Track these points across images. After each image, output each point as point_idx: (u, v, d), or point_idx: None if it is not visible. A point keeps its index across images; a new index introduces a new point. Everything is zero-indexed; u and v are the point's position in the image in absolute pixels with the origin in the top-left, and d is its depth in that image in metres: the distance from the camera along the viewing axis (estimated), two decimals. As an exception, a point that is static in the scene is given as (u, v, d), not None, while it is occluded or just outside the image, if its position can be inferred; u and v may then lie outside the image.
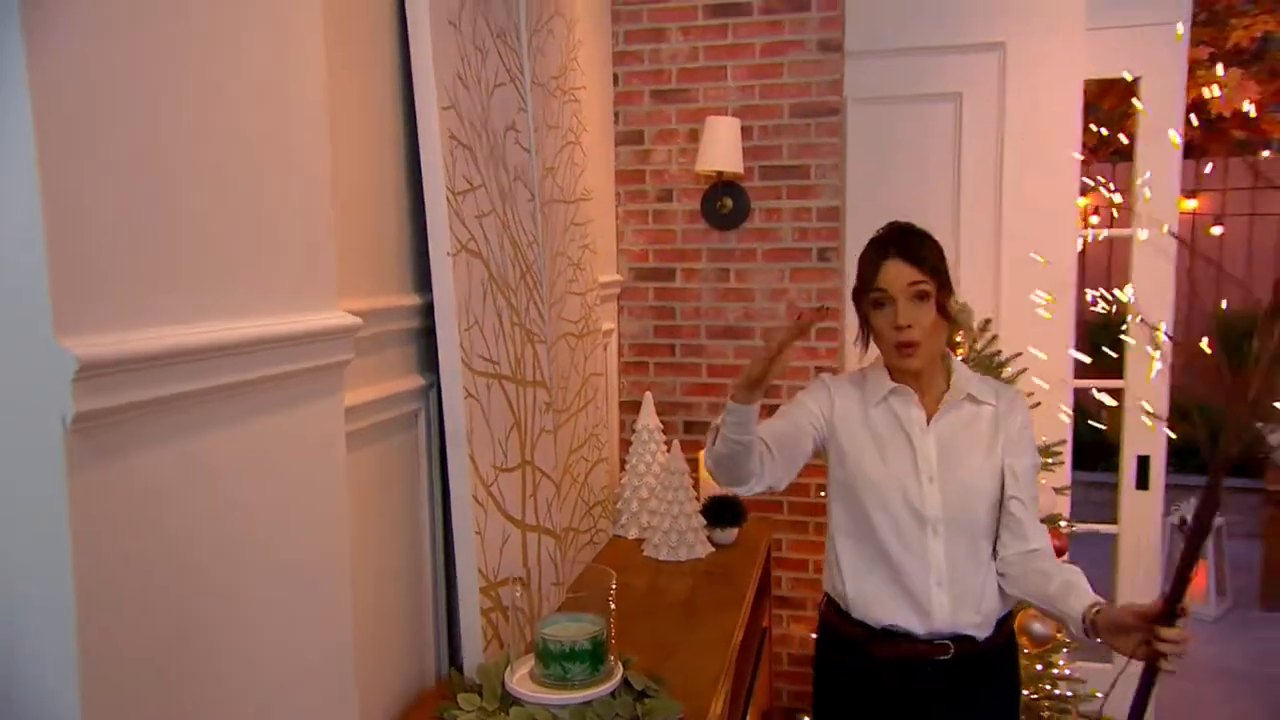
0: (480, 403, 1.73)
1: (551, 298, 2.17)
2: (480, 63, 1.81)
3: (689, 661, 1.82)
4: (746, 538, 2.63)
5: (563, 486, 2.20)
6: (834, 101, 2.90)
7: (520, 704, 1.52)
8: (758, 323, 3.00)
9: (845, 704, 1.86)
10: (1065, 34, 3.01)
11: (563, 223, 2.28)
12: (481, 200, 1.78)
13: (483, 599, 1.71)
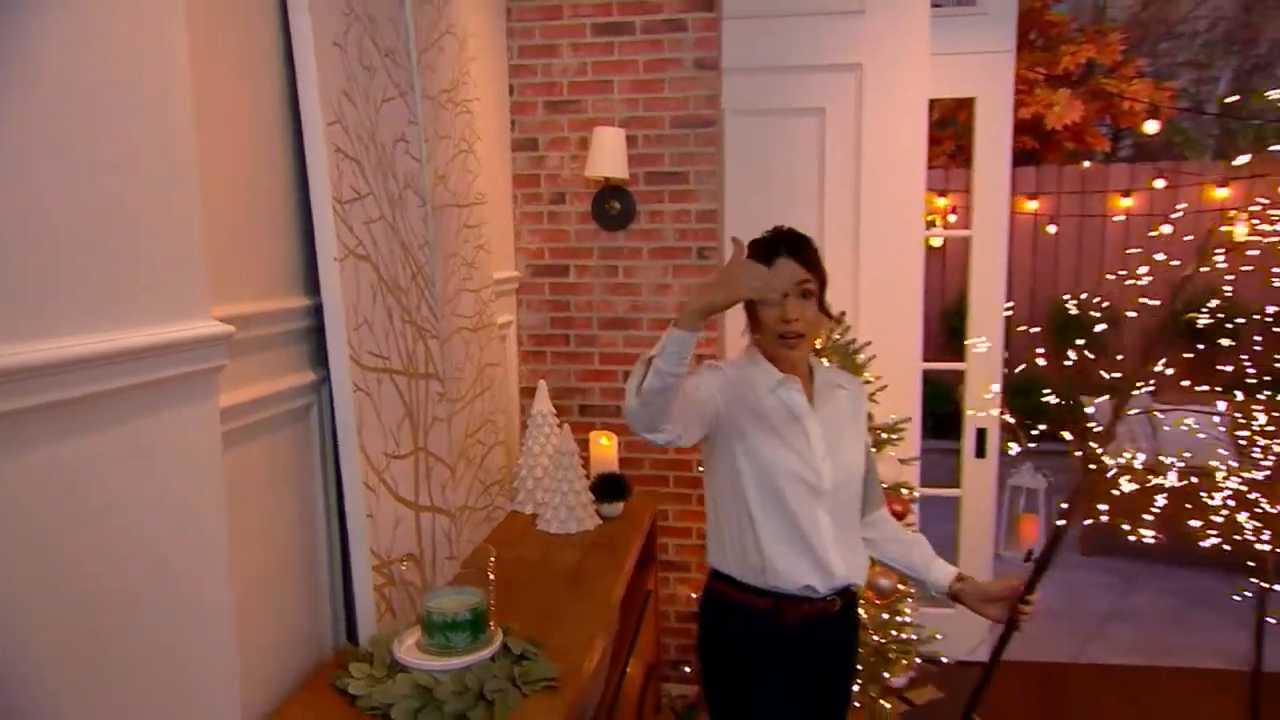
0: (371, 396, 1.72)
1: (444, 296, 2.15)
2: (368, 80, 1.78)
3: (570, 625, 1.85)
4: (632, 510, 2.66)
5: (458, 469, 2.20)
6: (710, 114, 2.93)
7: (406, 671, 1.52)
8: (645, 314, 3.03)
9: (750, 675, 1.77)
10: (912, 58, 3.10)
11: (456, 225, 2.26)
12: (370, 208, 1.76)
13: (376, 576, 1.71)
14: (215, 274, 1.38)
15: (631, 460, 3.07)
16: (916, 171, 3.17)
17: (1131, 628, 3.99)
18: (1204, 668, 3.53)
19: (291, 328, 1.61)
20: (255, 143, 1.51)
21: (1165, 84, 6.65)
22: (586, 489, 2.52)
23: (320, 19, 1.59)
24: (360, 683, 1.52)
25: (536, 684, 1.55)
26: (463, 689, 1.47)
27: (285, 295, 1.60)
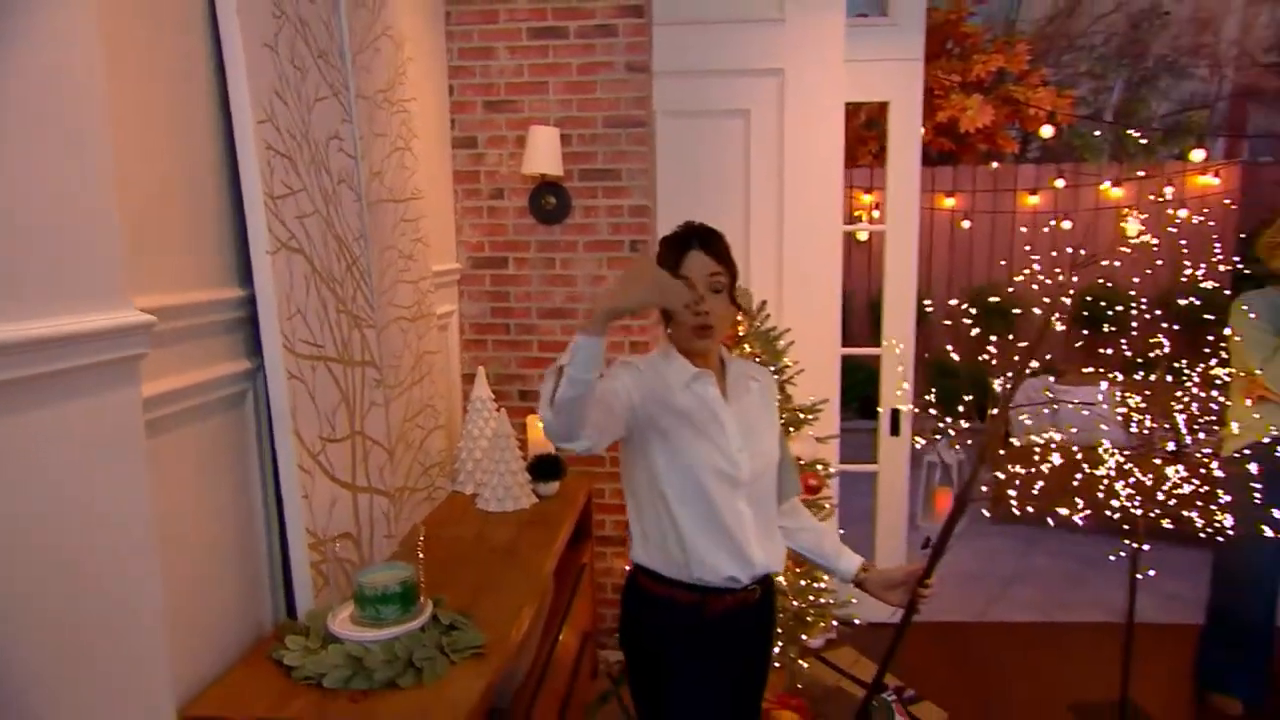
0: (305, 382, 1.70)
1: (381, 286, 2.14)
2: (300, 80, 1.75)
3: (501, 597, 1.86)
4: (567, 489, 2.68)
5: (396, 452, 2.19)
6: (640, 115, 2.94)
7: (339, 642, 1.52)
8: (580, 304, 3.04)
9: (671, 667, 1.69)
10: (830, 64, 3.14)
11: (393, 220, 2.24)
12: (304, 203, 1.74)
13: (312, 554, 1.69)
14: (146, 266, 1.36)
15: (569, 442, 3.08)
16: (835, 169, 3.22)
17: (1031, 588, 4.13)
18: (1091, 621, 3.68)
19: (225, 317, 1.59)
20: (185, 140, 1.49)
21: (1066, 92, 6.85)
22: (523, 469, 2.53)
23: (249, 21, 1.57)
24: (295, 654, 1.51)
25: (464, 652, 1.56)
26: (392, 658, 1.47)
27: (218, 286, 1.58)
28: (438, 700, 1.42)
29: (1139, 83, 8.30)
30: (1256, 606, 2.91)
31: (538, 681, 1.97)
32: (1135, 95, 7.97)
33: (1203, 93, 8.46)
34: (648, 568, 1.71)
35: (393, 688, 1.45)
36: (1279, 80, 7.78)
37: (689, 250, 1.62)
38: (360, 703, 1.41)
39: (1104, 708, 2.98)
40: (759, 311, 2.78)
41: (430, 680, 1.47)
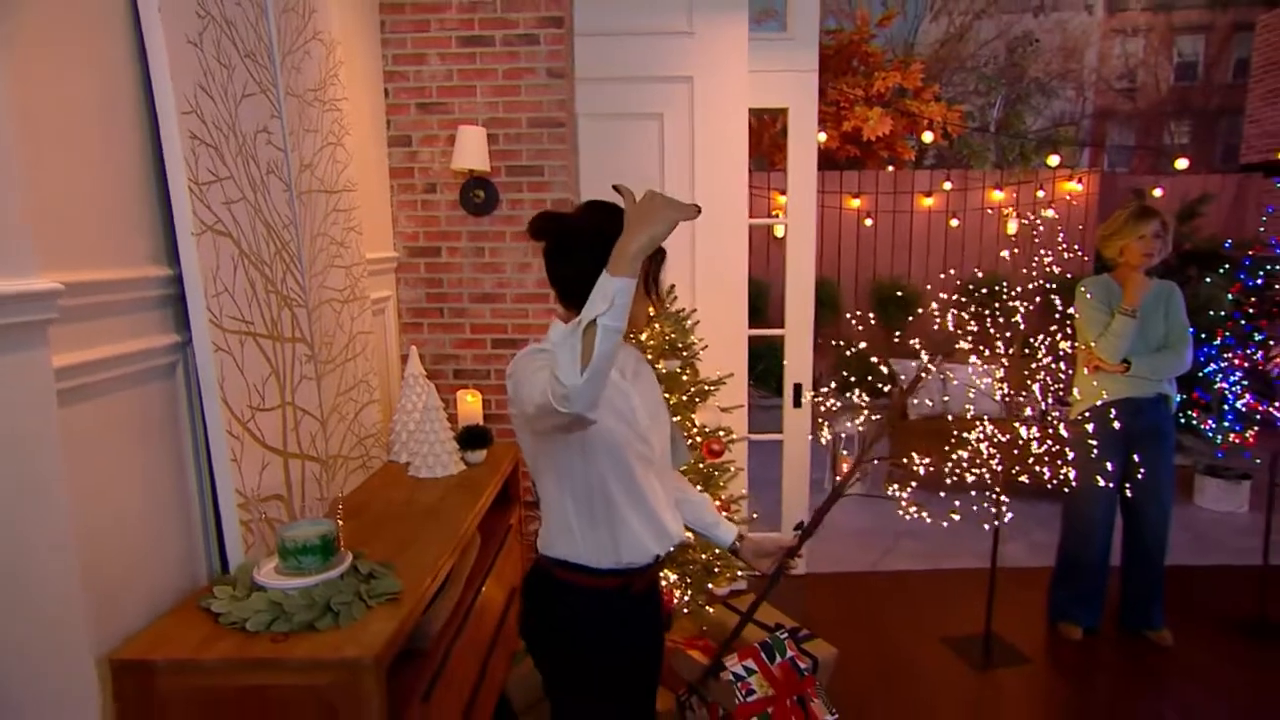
0: (233, 355, 1.68)
1: (312, 270, 2.12)
2: (226, 76, 1.72)
3: (421, 551, 1.87)
4: (494, 457, 2.69)
5: (329, 423, 2.18)
6: (561, 116, 2.95)
7: (263, 590, 1.52)
8: (509, 290, 3.04)
9: (613, 653, 1.57)
10: (734, 73, 3.20)
11: (324, 209, 2.22)
12: (230, 189, 1.71)
13: (242, 513, 1.68)
14: (73, 243, 1.35)
15: (501, 416, 3.09)
16: (740, 167, 3.29)
17: (919, 541, 4.29)
18: (966, 568, 3.85)
19: (155, 294, 1.57)
20: (109, 129, 1.46)
21: (955, 107, 7.06)
22: (452, 439, 2.53)
23: (172, 19, 1.54)
24: (222, 602, 1.50)
25: (381, 597, 1.58)
26: (311, 603, 1.48)
27: (147, 265, 1.55)
28: (352, 639, 1.43)
29: (1016, 100, 8.62)
30: (1094, 548, 3.08)
31: (458, 627, 1.98)
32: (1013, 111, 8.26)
33: (1070, 111, 8.83)
34: (571, 561, 1.52)
35: (311, 630, 1.45)
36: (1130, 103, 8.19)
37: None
38: (280, 643, 1.42)
39: (972, 639, 3.13)
40: (668, 294, 2.82)
41: (346, 622, 1.48)
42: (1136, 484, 2.97)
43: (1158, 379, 2.93)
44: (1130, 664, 3.00)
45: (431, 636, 1.84)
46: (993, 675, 2.92)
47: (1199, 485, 4.84)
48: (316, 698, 1.38)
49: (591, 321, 1.16)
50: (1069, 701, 2.78)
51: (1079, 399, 3.03)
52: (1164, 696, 2.78)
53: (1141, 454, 2.94)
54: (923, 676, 2.92)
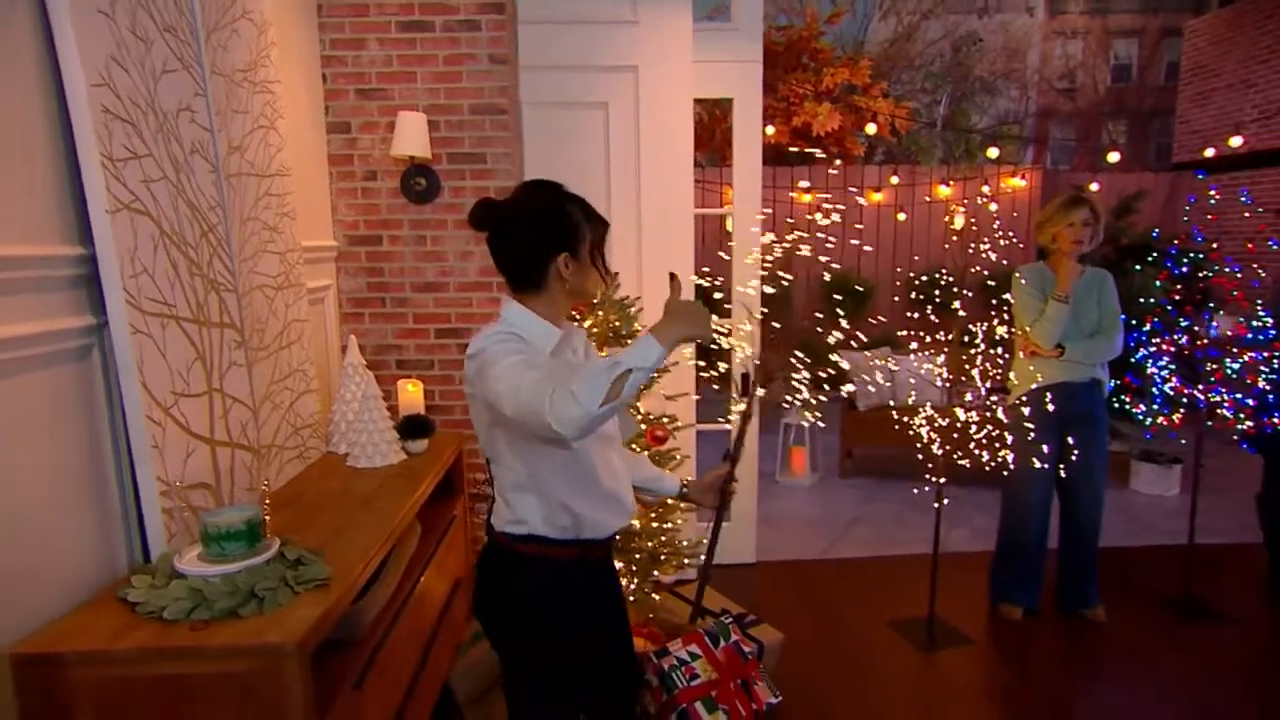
0: (153, 339, 1.63)
1: (243, 255, 2.06)
2: (144, 50, 1.67)
3: (354, 539, 1.83)
4: (436, 447, 2.66)
5: (262, 411, 2.12)
6: (504, 103, 2.93)
7: (184, 577, 1.47)
8: (451, 279, 3.01)
9: (573, 628, 1.56)
10: (679, 63, 3.20)
11: (256, 193, 2.16)
12: (150, 167, 1.66)
13: (165, 501, 1.63)
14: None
15: (445, 406, 3.06)
16: (685, 158, 3.29)
17: (867, 528, 4.35)
18: (913, 553, 3.91)
19: (66, 273, 1.51)
20: (8, 100, 1.40)
21: (903, 104, 7.19)
22: (391, 428, 2.49)
23: (81, -13, 1.48)
24: (140, 591, 1.46)
25: (309, 583, 1.54)
26: (234, 589, 1.44)
27: (56, 243, 1.49)
28: (275, 625, 1.40)
29: (961, 98, 8.83)
30: (1031, 531, 3.16)
31: (395, 616, 1.95)
32: (959, 109, 8.46)
33: (1014, 110, 9.09)
34: (529, 534, 1.51)
35: (234, 617, 1.42)
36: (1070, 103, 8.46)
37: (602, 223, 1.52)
38: (200, 630, 1.37)
39: (916, 622, 3.18)
40: (613, 281, 2.82)
41: (271, 608, 1.44)
42: (1071, 467, 3.05)
43: (1090, 364, 3.01)
44: (1067, 642, 3.08)
45: (366, 625, 1.81)
46: (937, 656, 2.97)
47: (1134, 470, 5.00)
48: (237, 685, 1.35)
49: (627, 370, 1.24)
50: (1010, 679, 2.84)
51: (1016, 383, 3.11)
52: (1099, 672, 2.87)
53: (1075, 437, 3.03)
54: (869, 659, 2.96)
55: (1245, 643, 3.06)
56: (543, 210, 1.45)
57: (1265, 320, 3.08)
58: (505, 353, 1.36)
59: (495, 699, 2.54)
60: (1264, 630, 3.17)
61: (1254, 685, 2.78)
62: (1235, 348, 3.08)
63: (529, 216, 1.45)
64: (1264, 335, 3.07)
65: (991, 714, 2.64)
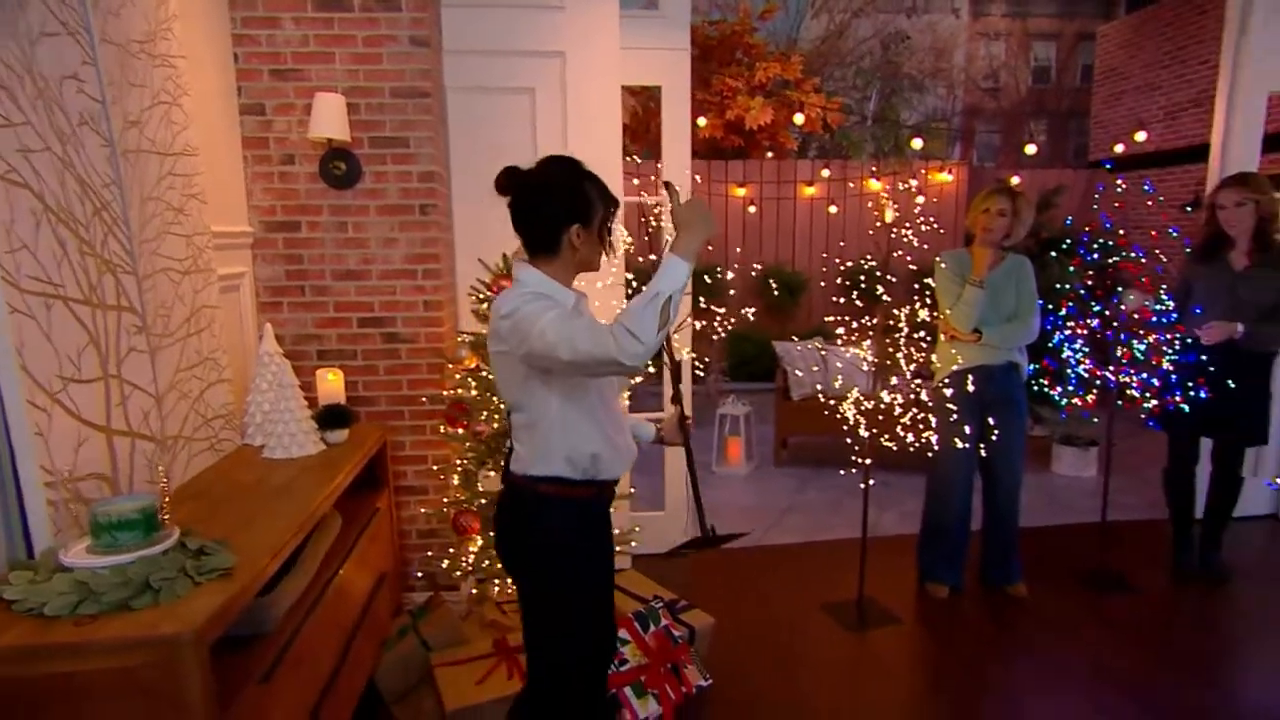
0: (36, 319, 1.53)
1: (143, 235, 1.96)
2: (16, 7, 1.56)
3: (265, 529, 1.76)
4: (358, 437, 2.58)
5: (167, 400, 2.02)
6: (426, 86, 2.86)
7: (68, 571, 1.38)
8: (374, 266, 2.92)
9: (587, 561, 1.70)
10: (606, 49, 3.18)
11: (157, 172, 2.05)
12: (28, 137, 1.56)
13: (50, 493, 1.53)
14: None
15: (368, 398, 2.97)
16: (614, 145, 3.26)
17: (801, 516, 4.40)
18: (844, 538, 3.98)
19: (-67, 250, 1.40)
20: None
21: (834, 99, 7.33)
22: (309, 418, 2.41)
23: (-53, -61, 1.38)
24: (17, 588, 1.36)
25: (212, 573, 1.47)
26: (125, 580, 1.36)
27: (-78, 216, 1.38)
28: (171, 616, 1.32)
29: (891, 95, 9.06)
30: (955, 510, 3.25)
31: (309, 609, 1.88)
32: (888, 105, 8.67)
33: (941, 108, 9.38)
34: (552, 475, 1.63)
35: (126, 609, 1.34)
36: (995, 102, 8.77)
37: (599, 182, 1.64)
38: (85, 626, 1.29)
39: (847, 604, 3.23)
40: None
41: (168, 600, 1.37)
42: (991, 447, 3.14)
43: (1007, 348, 3.10)
44: (991, 617, 3.17)
45: (276, 618, 1.74)
46: (866, 636, 3.02)
47: (1055, 454, 5.20)
48: (129, 680, 1.27)
49: (668, 296, 1.42)
50: (936, 655, 2.91)
51: (939, 366, 3.19)
52: (1020, 644, 2.96)
53: (995, 419, 3.12)
54: (800, 641, 2.99)
55: (1151, 611, 3.21)
56: (563, 183, 1.59)
57: (1168, 304, 3.23)
58: (542, 309, 1.50)
59: (424, 695, 2.48)
60: (1167, 598, 3.32)
61: (1159, 649, 2.91)
62: (1141, 329, 3.21)
63: (550, 188, 1.59)
64: (1167, 318, 3.22)
65: (918, 689, 2.70)
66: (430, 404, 2.96)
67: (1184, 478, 3.49)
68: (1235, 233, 3.20)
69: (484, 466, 2.65)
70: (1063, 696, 2.62)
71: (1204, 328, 3.15)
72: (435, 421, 2.96)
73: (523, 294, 1.57)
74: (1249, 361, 3.19)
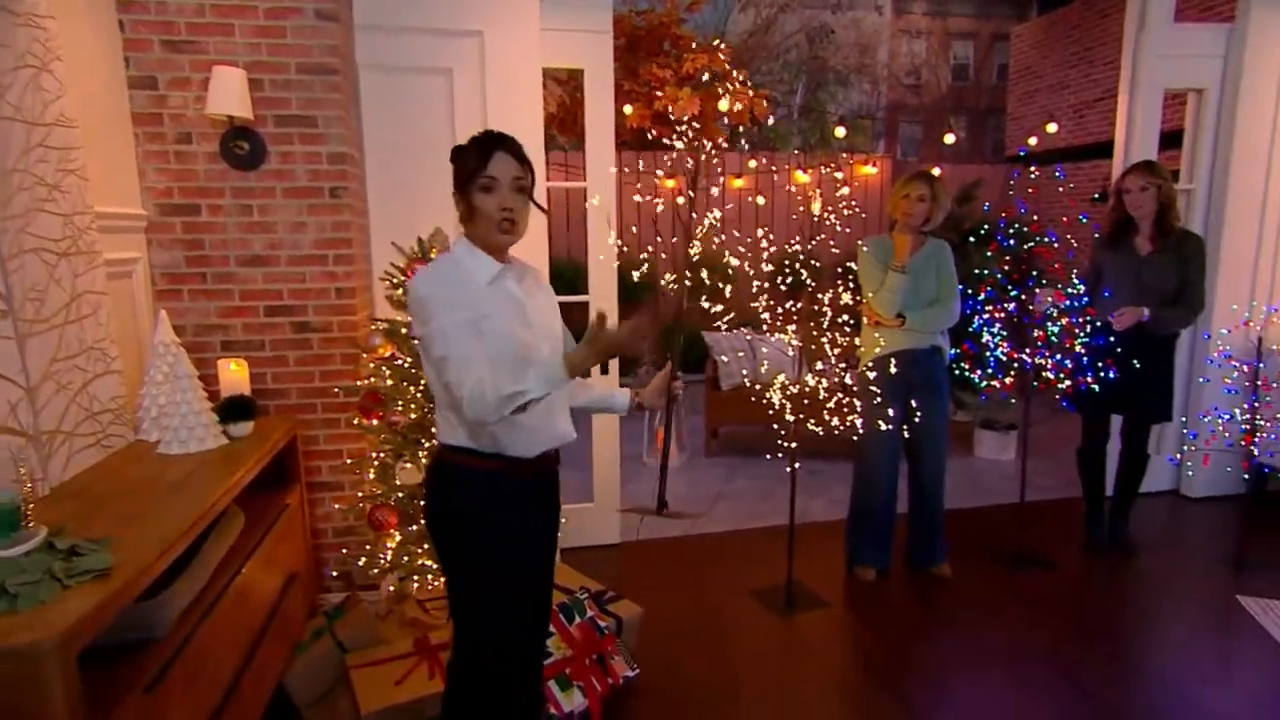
0: (-126, 299, 1.37)
1: (8, 212, 1.79)
2: None
3: (153, 527, 1.63)
4: (264, 430, 2.44)
5: (41, 392, 1.86)
6: (334, 63, 2.72)
7: (-90, 578, 1.24)
8: (282, 252, 2.77)
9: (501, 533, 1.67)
10: (526, 29, 3.09)
11: (24, 143, 1.88)
12: None
13: (-105, 492, 1.38)
14: None
15: (278, 390, 2.82)
16: (536, 130, 3.18)
17: (731, 504, 4.40)
18: (773, 525, 3.99)
19: None
20: None
21: (760, 92, 7.38)
22: (209, 410, 2.26)
23: None
24: None
25: (84, 575, 1.34)
26: (-22, 586, 1.23)
27: None
28: (30, 624, 1.20)
29: (817, 88, 9.21)
30: (881, 493, 3.29)
31: (205, 613, 1.75)
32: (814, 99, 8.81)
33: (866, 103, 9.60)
34: (460, 445, 1.66)
35: (-22, 617, 1.20)
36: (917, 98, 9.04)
37: (496, 151, 1.61)
38: (-73, 635, 1.16)
39: (776, 589, 3.24)
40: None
41: (28, 605, 1.24)
42: (915, 430, 3.19)
43: (930, 332, 3.16)
44: (917, 598, 3.22)
45: (168, 622, 1.61)
46: (795, 619, 3.03)
47: (977, 438, 5.35)
48: (-19, 696, 1.14)
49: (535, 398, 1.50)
50: (863, 636, 2.94)
51: (864, 351, 3.22)
52: (945, 623, 3.01)
53: (919, 402, 3.17)
54: (730, 627, 2.98)
55: (1066, 585, 3.32)
56: (456, 150, 1.64)
57: (1079, 288, 3.34)
58: (443, 305, 1.53)
59: (339, 698, 2.36)
60: (1081, 573, 3.44)
61: (1074, 621, 3.01)
62: (1056, 312, 3.31)
63: (453, 155, 1.65)
64: (1078, 303, 3.32)
65: (846, 670, 2.72)
66: (344, 395, 2.83)
67: (1096, 456, 3.62)
68: (1139, 216, 3.33)
69: (401, 459, 2.54)
70: (986, 671, 2.68)
71: (1115, 314, 3.27)
72: (350, 414, 2.83)
73: (433, 271, 1.60)
74: (1154, 343, 3.33)
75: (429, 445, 2.56)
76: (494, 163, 1.59)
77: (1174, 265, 3.28)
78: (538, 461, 1.71)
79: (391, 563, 2.56)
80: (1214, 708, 2.45)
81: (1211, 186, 4.17)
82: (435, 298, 1.54)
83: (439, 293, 1.54)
